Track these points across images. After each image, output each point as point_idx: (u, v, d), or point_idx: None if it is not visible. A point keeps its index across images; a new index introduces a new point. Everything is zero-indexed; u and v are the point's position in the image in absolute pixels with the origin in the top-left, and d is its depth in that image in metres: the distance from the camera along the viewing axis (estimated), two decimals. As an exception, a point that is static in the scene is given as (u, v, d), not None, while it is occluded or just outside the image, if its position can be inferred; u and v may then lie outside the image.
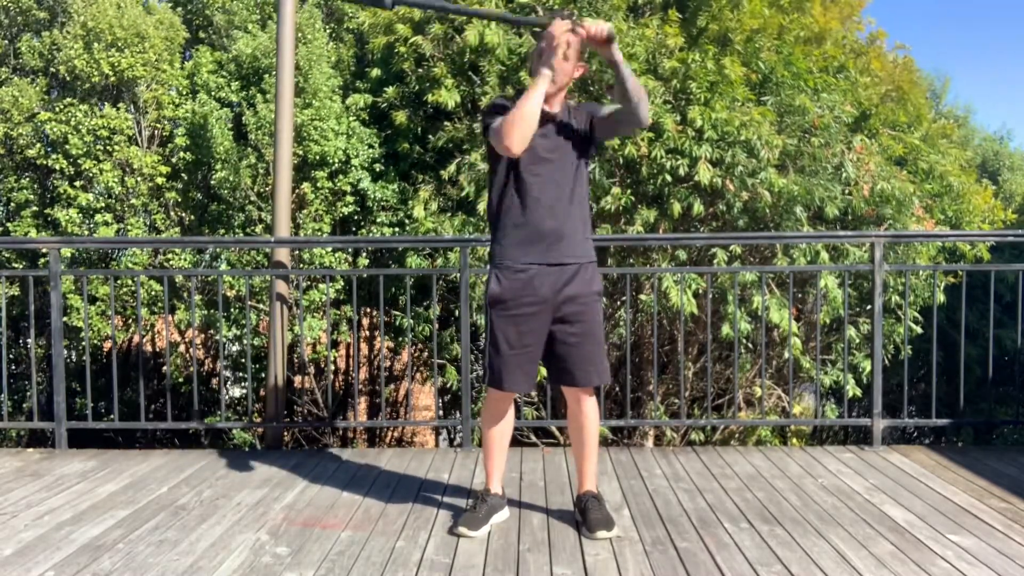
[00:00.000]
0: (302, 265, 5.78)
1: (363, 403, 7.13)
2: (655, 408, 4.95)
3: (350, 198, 5.89)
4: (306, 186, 5.81)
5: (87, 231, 6.07)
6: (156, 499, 3.13)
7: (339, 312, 5.97)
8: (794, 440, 6.02)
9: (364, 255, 6.12)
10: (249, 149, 5.87)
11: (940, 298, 4.83)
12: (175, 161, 6.17)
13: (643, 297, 5.25)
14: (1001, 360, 7.69)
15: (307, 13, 6.18)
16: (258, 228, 5.91)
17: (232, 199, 5.90)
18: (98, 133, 5.98)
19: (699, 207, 4.90)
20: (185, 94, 6.24)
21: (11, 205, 6.40)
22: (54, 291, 4.02)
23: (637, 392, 5.53)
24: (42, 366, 6.51)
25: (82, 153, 5.96)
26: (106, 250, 6.28)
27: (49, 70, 6.34)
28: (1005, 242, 7.53)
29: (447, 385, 5.56)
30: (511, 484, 3.24)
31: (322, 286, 5.81)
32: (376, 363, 7.04)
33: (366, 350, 7.13)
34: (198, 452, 3.97)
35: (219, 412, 6.02)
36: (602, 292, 2.80)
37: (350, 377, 6.92)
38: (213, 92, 6.05)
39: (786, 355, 4.78)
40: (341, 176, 5.85)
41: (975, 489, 3.23)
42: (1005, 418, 7.15)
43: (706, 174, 4.80)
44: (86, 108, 6.02)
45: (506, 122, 2.53)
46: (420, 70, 5.51)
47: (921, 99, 6.29)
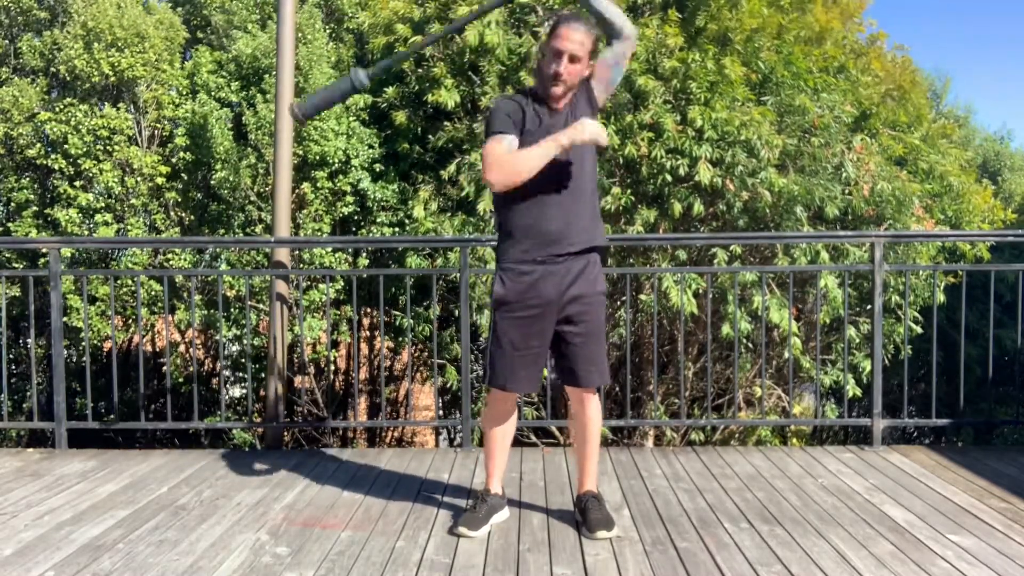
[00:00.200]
0: (302, 265, 5.78)
1: (363, 403, 7.13)
2: (655, 408, 4.95)
3: (350, 198, 5.88)
4: (306, 186, 5.81)
5: (87, 231, 6.07)
6: (156, 499, 3.13)
7: (339, 312, 5.97)
8: (794, 440, 6.02)
9: (364, 255, 6.12)
10: (249, 149, 5.87)
11: (940, 298, 4.83)
12: (175, 161, 6.17)
13: (643, 297, 5.25)
14: (1001, 360, 7.70)
15: (307, 13, 6.18)
16: (258, 228, 5.91)
17: (232, 199, 5.90)
18: (98, 133, 5.99)
19: (699, 207, 4.91)
20: (185, 94, 6.24)
21: (11, 205, 6.41)
22: (54, 291, 4.02)
23: (637, 392, 5.53)
24: (42, 366, 6.51)
25: (82, 153, 5.96)
26: (106, 250, 6.29)
27: (49, 70, 6.34)
28: (1005, 242, 7.53)
29: (447, 385, 5.56)
30: (511, 484, 3.24)
31: (322, 286, 5.81)
32: (376, 363, 7.04)
33: (366, 350, 7.14)
34: (198, 452, 3.97)
35: (219, 412, 6.01)
36: (606, 292, 2.80)
37: (350, 377, 6.92)
38: (213, 92, 6.05)
39: (786, 355, 4.78)
40: (341, 176, 5.85)
41: (975, 489, 3.23)
42: (1005, 418, 7.16)
43: (706, 174, 4.80)
44: (86, 108, 6.02)
45: (500, 159, 2.52)
46: (420, 70, 5.51)
47: (921, 99, 6.28)
